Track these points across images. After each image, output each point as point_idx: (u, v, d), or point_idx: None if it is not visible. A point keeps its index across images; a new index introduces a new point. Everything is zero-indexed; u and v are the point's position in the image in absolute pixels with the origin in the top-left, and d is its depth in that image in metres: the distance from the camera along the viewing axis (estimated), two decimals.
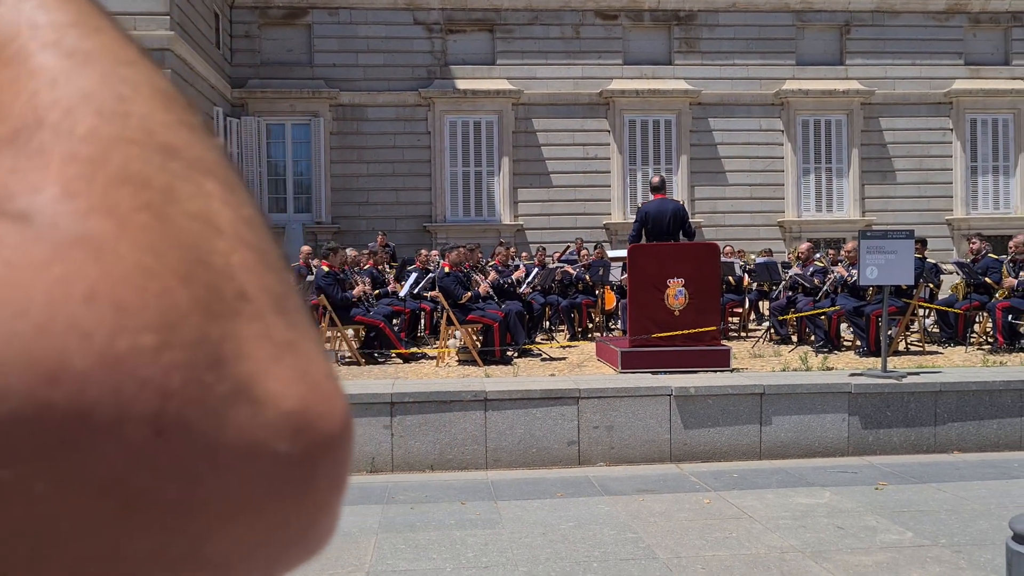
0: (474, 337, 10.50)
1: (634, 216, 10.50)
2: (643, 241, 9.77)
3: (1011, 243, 11.32)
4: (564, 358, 10.66)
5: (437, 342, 11.06)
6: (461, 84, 20.99)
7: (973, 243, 12.06)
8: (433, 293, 11.32)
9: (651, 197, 10.07)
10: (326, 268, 10.52)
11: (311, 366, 0.30)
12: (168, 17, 15.82)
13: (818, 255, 13.80)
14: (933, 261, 12.97)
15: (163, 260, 0.27)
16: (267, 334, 0.29)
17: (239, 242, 0.30)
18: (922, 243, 12.07)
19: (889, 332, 9.59)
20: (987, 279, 11.26)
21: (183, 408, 0.26)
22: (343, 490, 0.31)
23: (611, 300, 13.31)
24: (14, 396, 0.24)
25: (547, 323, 13.53)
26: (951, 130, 22.14)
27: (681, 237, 9.76)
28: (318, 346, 0.31)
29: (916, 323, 11.42)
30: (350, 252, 12.64)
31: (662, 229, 9.61)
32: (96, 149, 0.28)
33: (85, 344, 0.25)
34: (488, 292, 10.86)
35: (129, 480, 0.25)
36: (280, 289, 0.31)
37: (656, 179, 10.09)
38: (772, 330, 12.15)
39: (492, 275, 11.54)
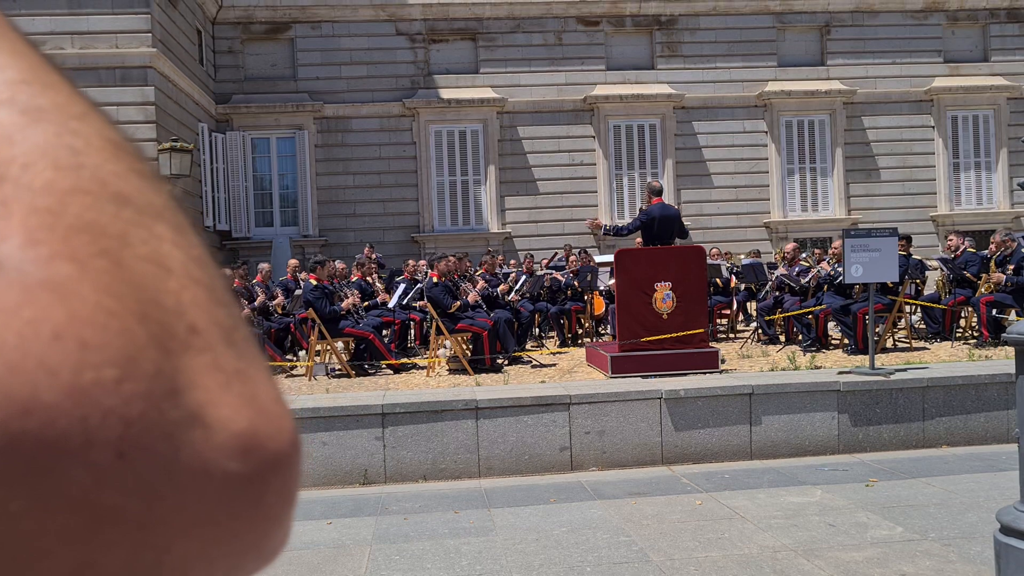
0: (464, 346, 10.52)
1: (622, 219, 10.64)
2: (638, 241, 9.96)
3: (992, 239, 11.43)
4: (554, 364, 10.69)
5: (427, 352, 11.08)
6: (445, 93, 21.04)
7: (951, 239, 12.18)
8: (422, 303, 11.35)
9: (648, 199, 10.25)
10: (314, 281, 10.53)
11: (259, 391, 0.33)
12: (150, 34, 15.82)
13: (804, 255, 13.89)
14: (919, 258, 13.06)
15: (121, 301, 0.30)
16: (217, 364, 0.32)
17: (189, 280, 0.33)
18: (907, 240, 12.17)
19: (876, 329, 9.66)
20: (967, 273, 11.37)
21: (143, 433, 0.29)
22: (293, 504, 0.34)
23: (600, 305, 13.35)
24: None
25: (537, 330, 13.56)
26: (933, 127, 22.32)
27: (677, 240, 10.00)
28: (266, 373, 0.35)
29: (903, 320, 11.50)
30: (338, 264, 12.65)
31: (669, 232, 9.84)
32: (54, 201, 0.31)
33: (53, 379, 0.28)
34: (477, 301, 10.89)
35: (96, 499, 0.28)
36: (229, 322, 0.34)
37: (657, 184, 10.44)
38: (760, 330, 12.21)
39: (480, 284, 11.57)
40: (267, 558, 0.35)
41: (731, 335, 13.44)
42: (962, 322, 11.72)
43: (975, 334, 11.29)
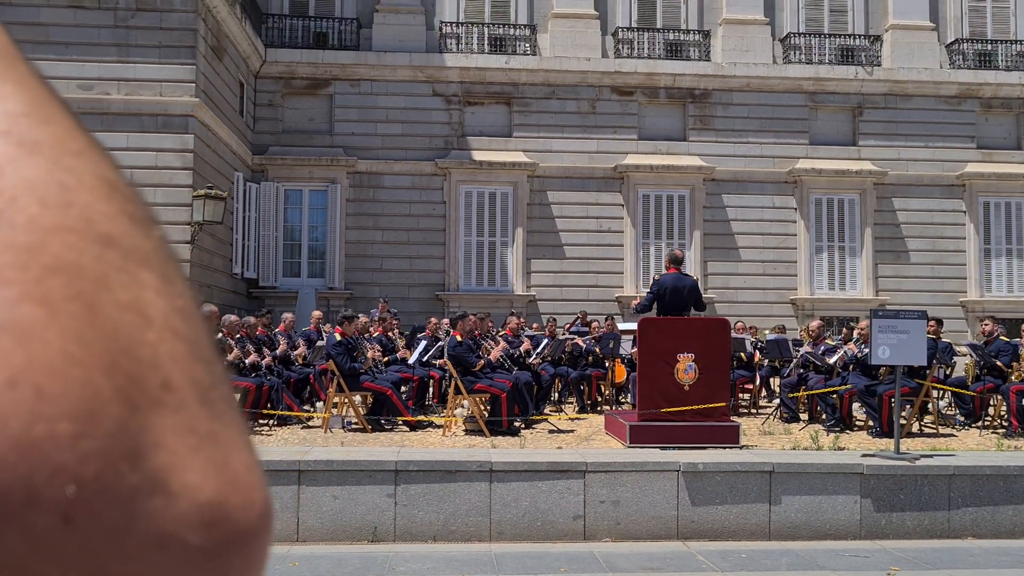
0: (482, 407, 10.44)
1: (647, 289, 10.61)
2: (653, 312, 9.81)
3: None
4: (572, 430, 10.56)
5: (444, 411, 11.00)
6: (477, 155, 21.30)
7: (986, 324, 12.00)
8: (441, 361, 11.30)
9: (665, 268, 10.15)
10: (338, 336, 10.53)
11: (231, 457, 0.31)
12: (194, 84, 16.23)
13: (828, 333, 13.74)
14: (948, 341, 12.86)
15: (89, 350, 0.28)
16: (189, 425, 0.29)
17: (169, 333, 0.31)
18: (938, 323, 12.01)
19: (902, 413, 9.48)
20: (998, 362, 11.17)
21: (95, 497, 0.26)
22: None
23: (621, 373, 13.23)
24: None
25: (556, 395, 13.44)
26: (964, 212, 22.22)
27: (692, 312, 9.83)
28: (242, 437, 0.32)
29: (930, 404, 11.28)
30: (361, 318, 12.67)
31: (681, 303, 9.69)
32: (34, 238, 0.29)
33: (1, 429, 0.25)
34: (499, 359, 10.82)
35: (29, 567, 0.25)
36: (207, 380, 0.32)
37: (679, 253, 10.31)
38: (783, 407, 12.02)
39: (502, 344, 11.52)
40: None
41: (753, 410, 13.23)
42: (991, 410, 11.47)
43: (1004, 423, 11.04)
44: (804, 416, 11.81)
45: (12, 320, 0.27)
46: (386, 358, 11.88)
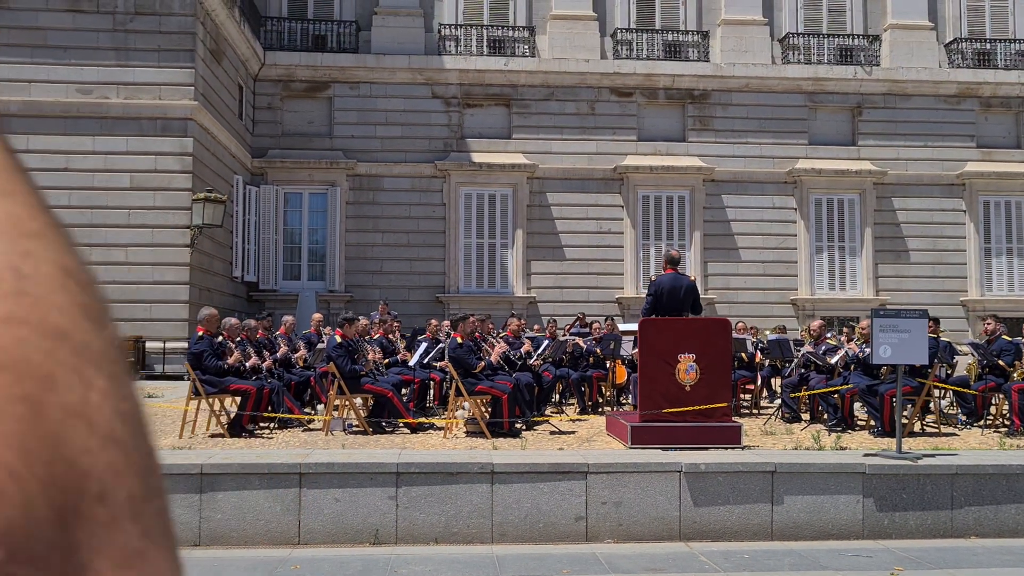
0: (483, 408, 10.42)
1: (646, 290, 10.58)
2: (654, 315, 9.78)
3: None
4: (574, 432, 10.54)
5: (445, 412, 10.98)
6: (477, 157, 21.30)
7: (988, 323, 11.98)
8: (442, 363, 11.27)
9: (663, 269, 10.12)
10: (339, 338, 10.52)
11: None
12: (193, 88, 16.23)
13: (830, 333, 13.73)
14: (947, 340, 12.84)
15: (29, 461, 0.26)
16: (119, 543, 0.29)
17: (110, 441, 0.29)
18: (935, 322, 11.98)
19: (904, 412, 9.46)
20: (1000, 361, 11.15)
21: None
22: None
23: (622, 374, 13.21)
24: None
25: (558, 396, 13.41)
26: (964, 211, 22.22)
27: (688, 314, 9.81)
28: (170, 555, 0.31)
29: (931, 404, 11.26)
30: (362, 320, 12.66)
31: (677, 305, 9.65)
32: None
33: None
34: (499, 361, 10.80)
35: None
36: (141, 493, 0.30)
37: (675, 253, 10.24)
38: (784, 408, 12.00)
39: (502, 345, 11.50)
40: None
41: (755, 411, 13.22)
42: (993, 409, 11.45)
43: (1006, 422, 11.02)
44: (806, 416, 11.79)
45: None
46: (387, 360, 11.86)
